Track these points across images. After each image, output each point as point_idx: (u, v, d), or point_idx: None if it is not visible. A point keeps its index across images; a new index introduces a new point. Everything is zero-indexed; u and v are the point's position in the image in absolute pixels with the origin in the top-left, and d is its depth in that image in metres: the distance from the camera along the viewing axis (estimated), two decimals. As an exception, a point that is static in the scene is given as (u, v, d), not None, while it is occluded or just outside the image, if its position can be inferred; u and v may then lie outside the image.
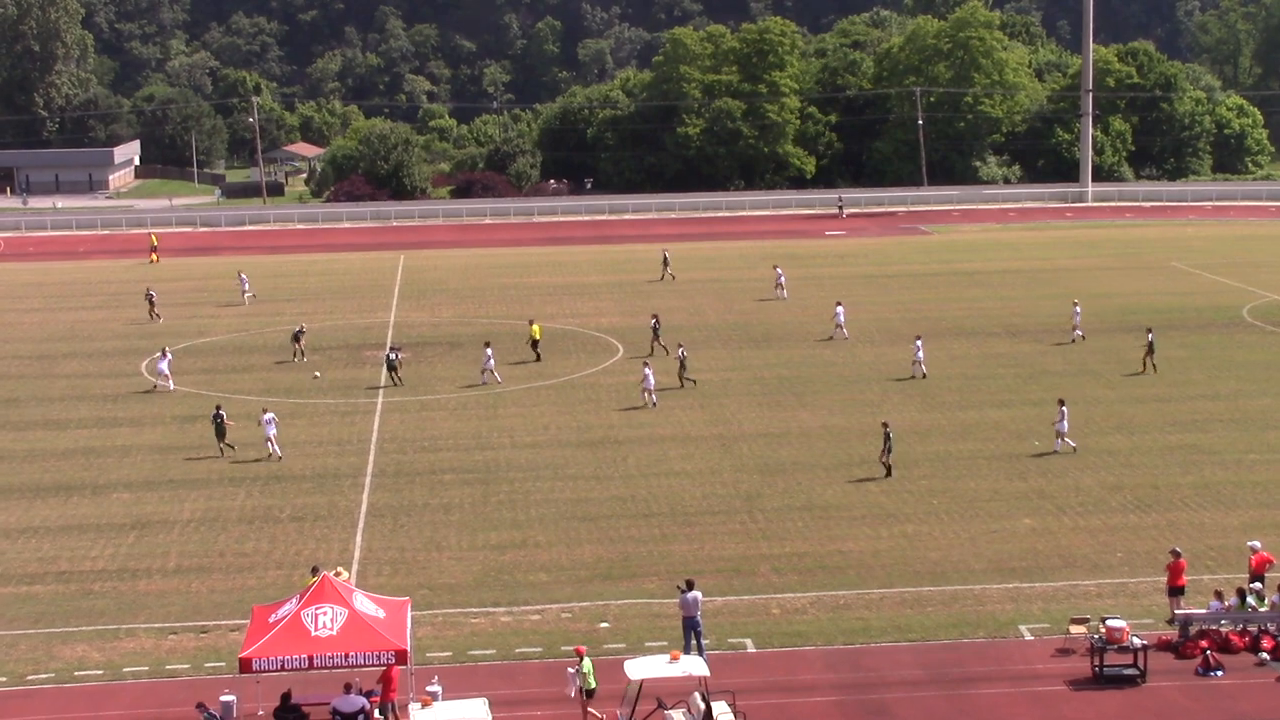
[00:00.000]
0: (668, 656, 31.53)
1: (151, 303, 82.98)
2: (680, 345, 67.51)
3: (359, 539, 45.05)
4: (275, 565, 42.71)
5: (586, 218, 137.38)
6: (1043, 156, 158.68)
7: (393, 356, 65.92)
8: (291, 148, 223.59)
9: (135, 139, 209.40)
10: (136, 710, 33.20)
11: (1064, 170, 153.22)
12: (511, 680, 34.34)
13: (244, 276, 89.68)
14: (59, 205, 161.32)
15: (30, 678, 35.14)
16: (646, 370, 61.52)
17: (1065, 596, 39.22)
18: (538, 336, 70.39)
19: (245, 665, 30.78)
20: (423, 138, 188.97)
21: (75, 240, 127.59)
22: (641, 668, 31.24)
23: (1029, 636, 36.70)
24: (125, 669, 35.49)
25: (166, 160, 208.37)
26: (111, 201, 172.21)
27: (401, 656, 31.20)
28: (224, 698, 32.08)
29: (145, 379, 67.19)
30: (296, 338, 71.62)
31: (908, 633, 37.01)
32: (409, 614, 33.29)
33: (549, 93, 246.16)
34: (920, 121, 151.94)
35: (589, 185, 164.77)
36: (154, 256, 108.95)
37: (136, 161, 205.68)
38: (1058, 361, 68.28)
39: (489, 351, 65.74)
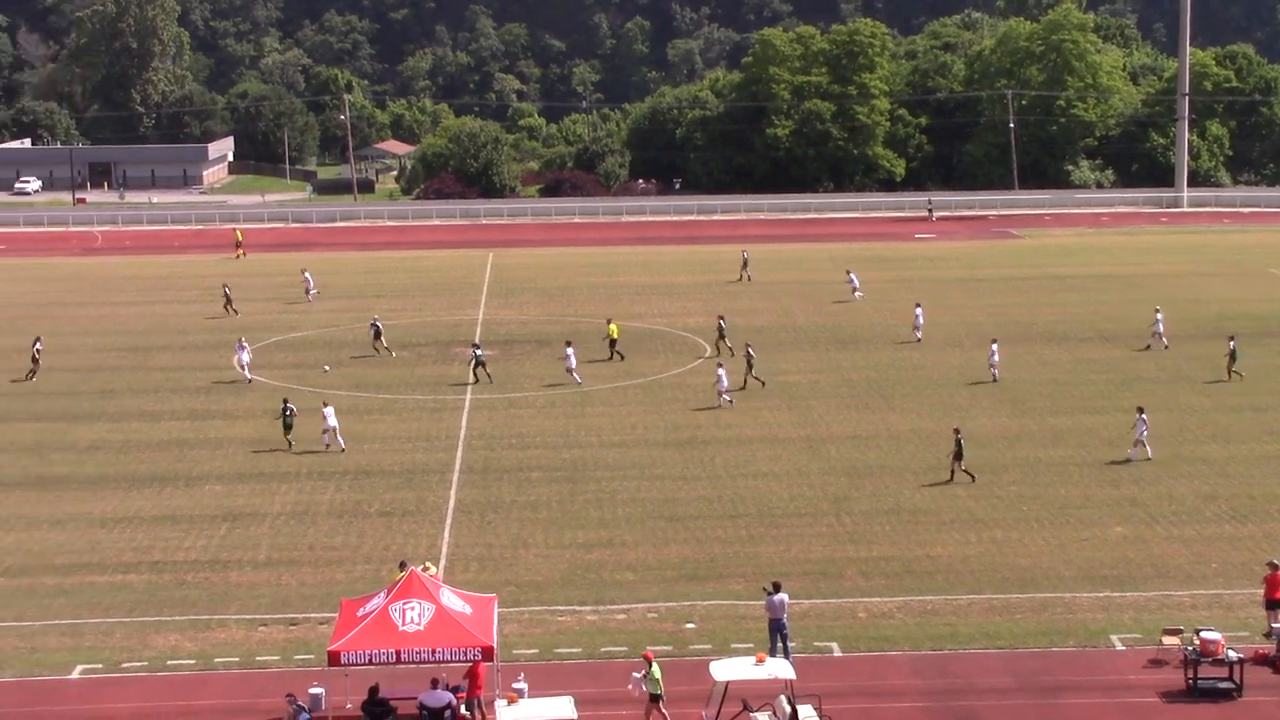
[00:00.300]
0: (753, 658, 31.44)
1: (228, 297, 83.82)
2: (748, 345, 67.27)
3: (446, 535, 45.28)
4: (364, 560, 43.01)
5: (674, 218, 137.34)
6: (1137, 161, 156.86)
7: (478, 353, 66.23)
8: (382, 145, 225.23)
9: (229, 135, 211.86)
10: (227, 700, 33.54)
11: (1158, 175, 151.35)
12: (597, 679, 34.37)
13: (308, 275, 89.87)
14: (154, 200, 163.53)
15: (125, 665, 35.61)
16: (720, 371, 61.42)
17: (1158, 607, 38.72)
18: (615, 336, 70.46)
19: (334, 658, 31.02)
20: (512, 136, 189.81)
21: (170, 235, 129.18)
22: (727, 669, 31.17)
23: (1120, 646, 36.26)
24: (216, 659, 35.88)
25: (259, 157, 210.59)
26: (205, 197, 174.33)
27: (488, 653, 31.33)
28: (312, 690, 32.36)
29: (237, 373, 67.91)
30: (377, 334, 72.09)
31: (996, 639, 36.70)
32: (496, 611, 33.43)
33: (638, 92, 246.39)
34: (1012, 124, 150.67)
35: (677, 185, 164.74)
36: (240, 252, 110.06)
37: (230, 158, 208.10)
38: (1150, 368, 67.47)
39: (570, 350, 65.87)
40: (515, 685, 32.24)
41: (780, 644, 34.94)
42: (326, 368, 68.43)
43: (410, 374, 67.67)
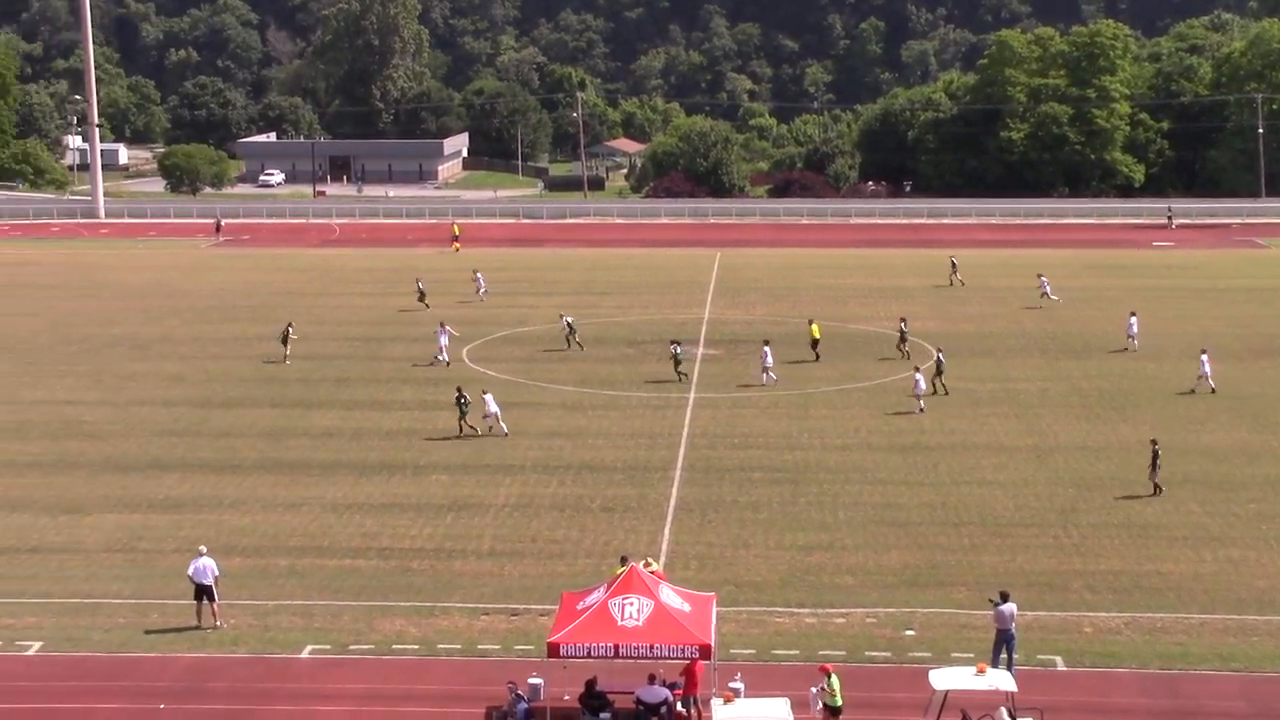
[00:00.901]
0: (974, 668, 30.91)
1: (421, 291, 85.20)
2: (939, 349, 66.14)
3: (667, 532, 45.43)
4: (585, 554, 43.38)
5: (904, 221, 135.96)
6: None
7: (677, 351, 66.54)
8: (613, 143, 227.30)
9: (464, 131, 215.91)
10: (449, 686, 34.12)
11: None
12: (814, 682, 34.08)
13: (479, 275, 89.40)
14: (390, 194, 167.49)
15: (352, 647, 36.47)
16: (917, 376, 60.60)
17: (1403, 634, 37.06)
18: (817, 336, 70.24)
19: (553, 650, 31.33)
20: (742, 136, 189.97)
21: (404, 228, 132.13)
22: (947, 678, 30.70)
23: (1362, 674, 34.77)
24: (439, 645, 36.52)
25: (493, 153, 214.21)
26: (440, 192, 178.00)
27: (705, 651, 31.33)
28: (532, 680, 32.72)
29: (467, 365, 69.12)
30: (571, 330, 72.83)
31: (1230, 661, 35.46)
32: (714, 609, 33.41)
33: (870, 93, 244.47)
34: (1260, 130, 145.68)
35: (907, 188, 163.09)
36: (456, 245, 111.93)
37: (464, 153, 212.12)
38: (1401, 386, 64.64)
39: (767, 349, 65.70)
40: (732, 684, 32.18)
41: (1005, 655, 34.30)
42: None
43: (634, 371, 68.11)
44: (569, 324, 73.38)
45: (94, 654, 36.02)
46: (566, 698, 32.52)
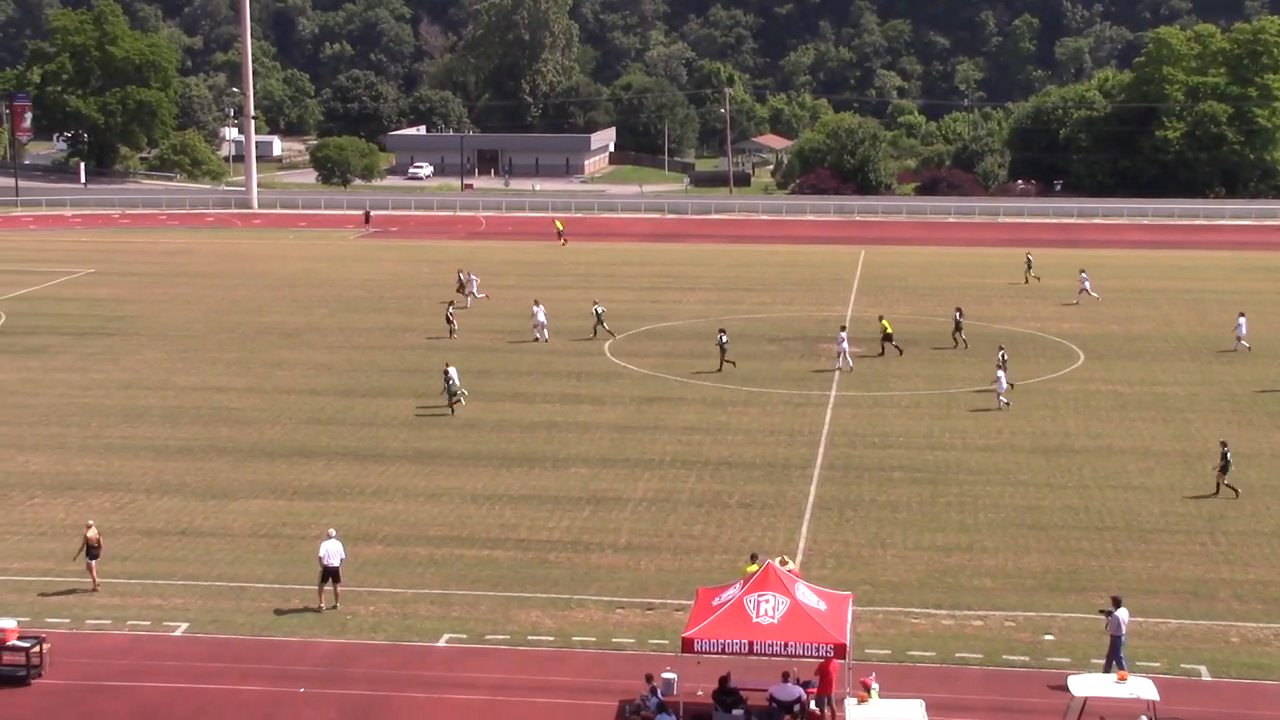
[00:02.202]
0: (1114, 675, 30.39)
1: (461, 283, 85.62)
2: (1001, 348, 65.27)
3: (804, 530, 45.23)
4: (721, 549, 43.32)
5: (1054, 220, 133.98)
6: None
7: (723, 339, 67.18)
8: (760, 139, 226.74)
9: (611, 126, 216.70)
10: (583, 678, 34.26)
11: None
12: (950, 684, 33.78)
13: (473, 277, 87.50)
14: (537, 187, 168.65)
15: (488, 637, 36.78)
16: (1000, 374, 60.27)
17: None
18: (889, 331, 70.50)
19: (687, 645, 31.33)
20: (890, 133, 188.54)
21: (550, 222, 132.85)
22: (1086, 685, 30.22)
23: None
24: (574, 637, 36.70)
25: (639, 147, 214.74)
26: (585, 186, 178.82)
27: (840, 650, 31.14)
28: (666, 674, 32.74)
29: (609, 360, 69.36)
30: (599, 319, 74.39)
31: (1382, 677, 34.49)
32: (850, 608, 33.20)
33: (1022, 91, 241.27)
34: None
35: (1058, 187, 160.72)
36: (562, 240, 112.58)
37: (611, 148, 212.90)
38: None
39: (843, 334, 67.69)
40: (866, 684, 31.93)
41: (1116, 660, 33.78)
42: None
43: (775, 368, 67.88)
44: (598, 313, 74.56)
45: (238, 636, 36.73)
46: (700, 693, 32.51)
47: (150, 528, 45.19)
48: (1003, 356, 63.21)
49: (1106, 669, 33.29)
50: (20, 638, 34.46)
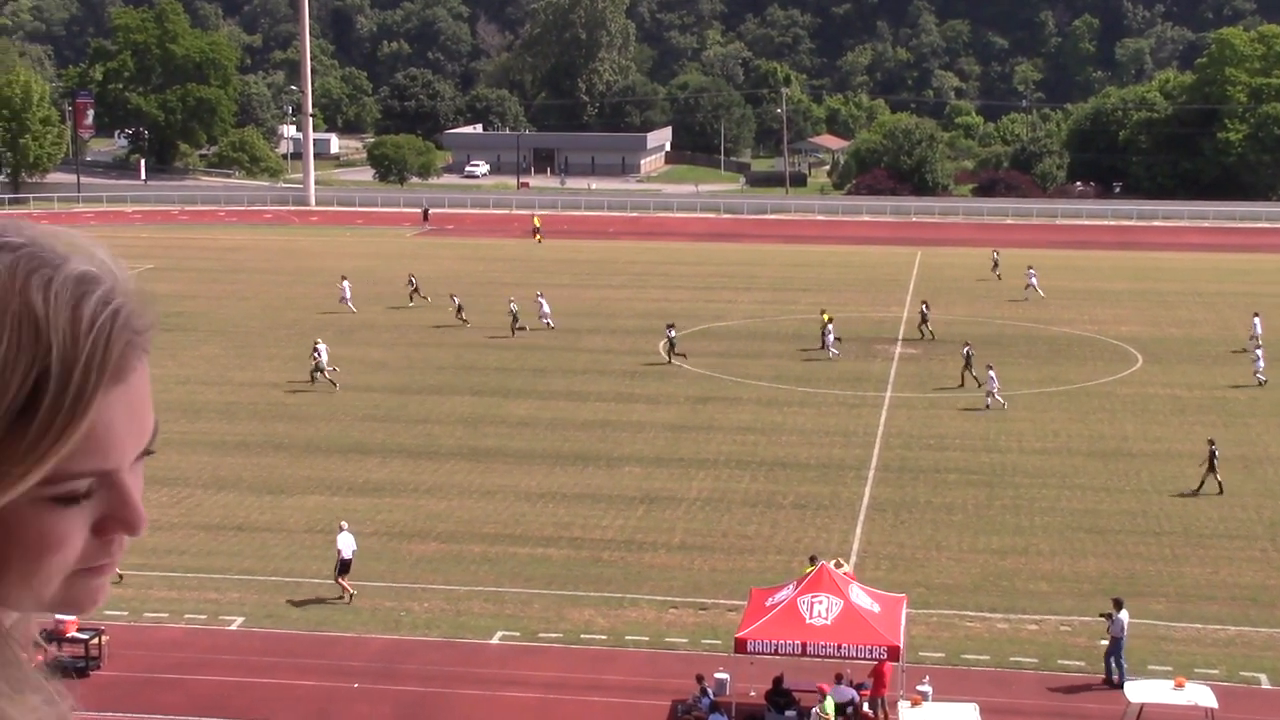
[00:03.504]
0: (1172, 682, 30.12)
1: (414, 286, 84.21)
2: (967, 344, 65.61)
3: (859, 531, 45.07)
4: (775, 550, 43.24)
5: (1112, 222, 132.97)
6: None
7: (671, 335, 68.40)
8: (816, 139, 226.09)
9: (667, 125, 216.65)
10: (635, 677, 34.27)
11: None
12: (1004, 688, 33.58)
13: (346, 284, 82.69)
14: (593, 186, 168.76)
15: (541, 635, 36.85)
16: (991, 373, 60.35)
17: None
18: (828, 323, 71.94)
19: (740, 645, 31.28)
20: (948, 134, 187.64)
21: (605, 221, 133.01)
22: (1143, 691, 29.99)
23: None
24: (627, 636, 36.72)
25: (695, 147, 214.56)
26: (641, 185, 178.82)
27: (894, 653, 31.01)
28: (718, 675, 32.71)
29: (662, 358, 69.35)
30: (515, 317, 75.16)
31: None
32: (904, 611, 33.05)
33: (1081, 92, 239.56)
34: None
35: (1117, 189, 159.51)
36: (538, 238, 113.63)
37: (667, 147, 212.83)
38: None
39: (830, 327, 69.39)
40: (920, 687, 31.81)
41: (1116, 661, 33.64)
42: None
43: (831, 369, 67.69)
44: (514, 312, 75.21)
45: (293, 631, 36.95)
46: (752, 694, 32.45)
47: (207, 522, 45.51)
48: (968, 353, 63.93)
49: (1107, 669, 33.23)
50: (79, 630, 34.81)
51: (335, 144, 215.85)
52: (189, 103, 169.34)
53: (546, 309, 76.28)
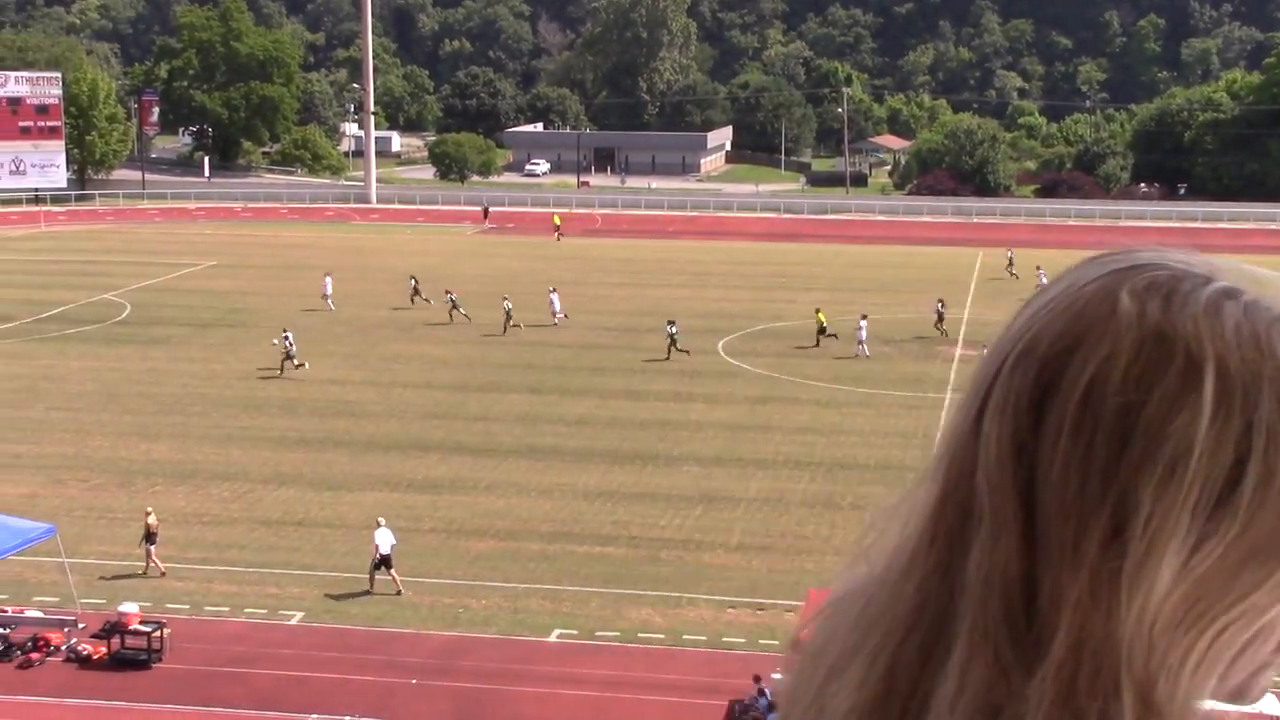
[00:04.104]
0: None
1: (416, 289, 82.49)
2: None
3: (918, 533, 44.80)
4: (834, 551, 43.07)
5: (1176, 224, 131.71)
6: None
7: (672, 330, 68.71)
8: (878, 139, 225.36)
9: (728, 125, 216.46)
10: (693, 677, 34.23)
11: None
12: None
13: (328, 280, 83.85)
14: (653, 185, 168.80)
15: (598, 633, 36.88)
16: None
17: None
18: (824, 323, 72.39)
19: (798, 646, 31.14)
20: (1010, 135, 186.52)
21: (665, 220, 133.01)
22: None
23: None
24: (685, 635, 36.69)
25: (756, 147, 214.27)
26: (701, 185, 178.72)
27: (953, 656, 30.81)
28: (775, 676, 32.62)
29: (723, 359, 69.30)
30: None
31: None
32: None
33: (1146, 93, 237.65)
34: None
35: (1182, 191, 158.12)
36: (558, 235, 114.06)
37: (728, 147, 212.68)
38: None
39: (863, 323, 69.81)
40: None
41: None
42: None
43: (891, 370, 67.43)
44: (508, 310, 75.45)
45: (351, 626, 37.13)
46: (810, 695, 32.31)
47: (267, 517, 45.80)
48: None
49: None
50: (142, 623, 35.12)
51: (396, 142, 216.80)
52: (252, 100, 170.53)
53: (558, 305, 77.09)
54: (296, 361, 64.80)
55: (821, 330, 72.14)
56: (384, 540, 39.12)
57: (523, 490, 48.90)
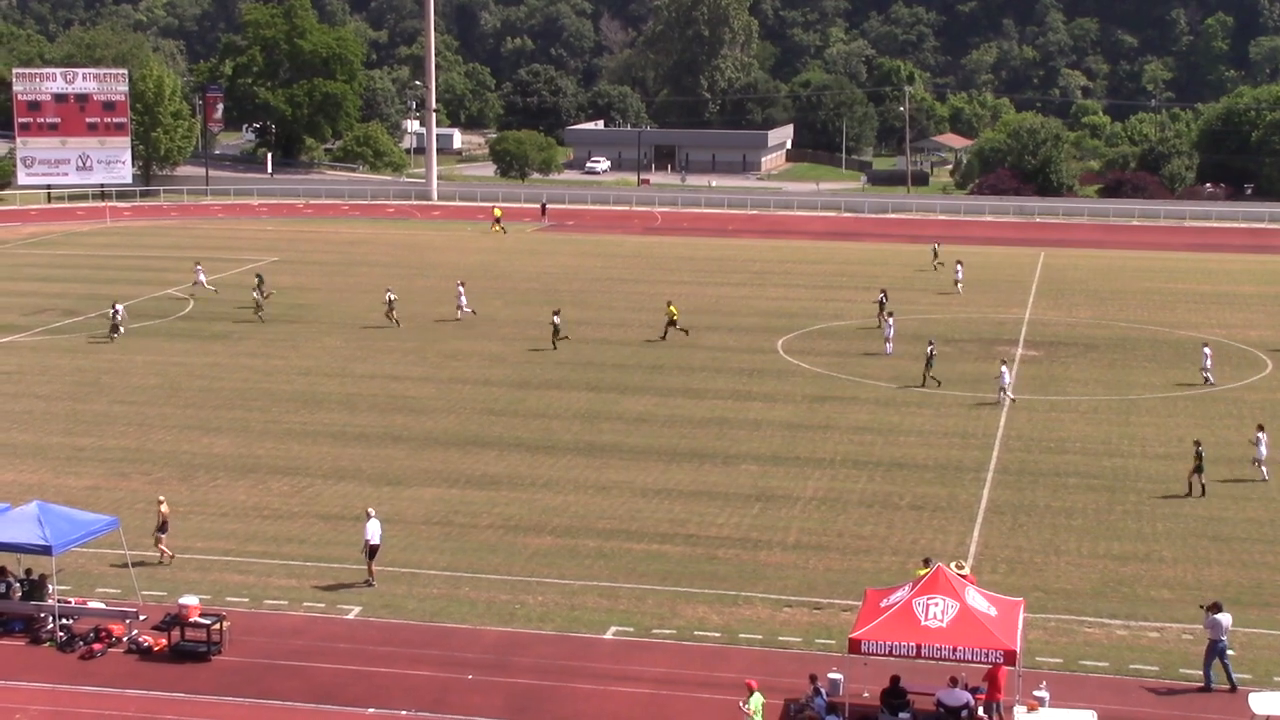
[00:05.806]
0: (1296, 695, 29.53)
1: (390, 305, 77.47)
2: (931, 342, 65.88)
3: (976, 534, 44.62)
4: (891, 551, 42.94)
5: (1243, 225, 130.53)
6: None
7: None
8: (939, 138, 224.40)
9: (789, 123, 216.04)
10: (748, 675, 34.14)
11: None
12: (1123, 696, 33.08)
13: (199, 268, 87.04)
14: (713, 184, 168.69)
15: (655, 630, 36.87)
16: (1003, 369, 60.77)
17: None
18: (674, 317, 73.00)
19: (854, 646, 31.08)
20: (1073, 134, 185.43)
21: (725, 218, 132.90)
22: (1269, 703, 29.42)
23: None
24: (740, 634, 36.63)
25: (817, 145, 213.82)
26: (762, 183, 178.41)
27: (1010, 657, 30.63)
28: (831, 675, 32.54)
29: (781, 357, 69.12)
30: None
31: None
32: (1021, 615, 32.65)
33: (1213, 92, 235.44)
34: None
35: (1248, 191, 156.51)
36: (497, 228, 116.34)
37: (789, 145, 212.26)
38: None
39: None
40: (1036, 693, 31.44)
41: (1221, 665, 33.11)
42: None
43: (951, 369, 67.05)
44: (390, 300, 76.11)
45: (408, 621, 37.29)
46: (865, 695, 32.24)
47: (326, 512, 46.07)
48: (930, 352, 64.37)
49: (1206, 675, 32.81)
50: (202, 615, 35.41)
51: (458, 139, 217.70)
52: (315, 97, 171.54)
53: (464, 300, 78.42)
54: (122, 331, 71.54)
55: (671, 323, 73.14)
56: (374, 531, 39.83)
57: (580, 487, 48.97)
